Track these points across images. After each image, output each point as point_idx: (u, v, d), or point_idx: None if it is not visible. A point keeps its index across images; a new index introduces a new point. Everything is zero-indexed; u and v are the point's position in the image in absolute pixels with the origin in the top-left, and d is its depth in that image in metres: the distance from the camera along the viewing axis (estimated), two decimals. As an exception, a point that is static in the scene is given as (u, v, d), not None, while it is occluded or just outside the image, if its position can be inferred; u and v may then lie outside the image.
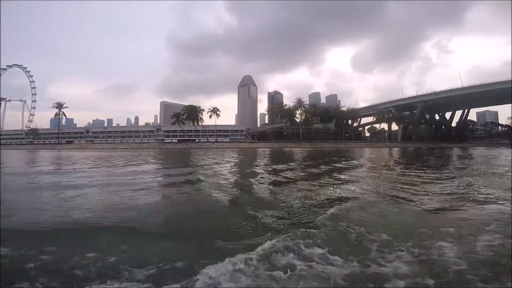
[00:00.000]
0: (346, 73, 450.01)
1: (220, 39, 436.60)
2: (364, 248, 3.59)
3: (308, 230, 4.20)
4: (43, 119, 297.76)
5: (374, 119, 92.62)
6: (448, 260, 3.20)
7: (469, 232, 4.22)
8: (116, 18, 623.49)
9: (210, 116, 79.50)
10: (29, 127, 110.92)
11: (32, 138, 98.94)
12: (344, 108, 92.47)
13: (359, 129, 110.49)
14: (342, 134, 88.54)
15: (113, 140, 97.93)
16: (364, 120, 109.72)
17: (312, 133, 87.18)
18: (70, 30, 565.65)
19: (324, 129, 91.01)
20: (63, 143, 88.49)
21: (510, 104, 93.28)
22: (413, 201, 6.65)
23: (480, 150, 48.65)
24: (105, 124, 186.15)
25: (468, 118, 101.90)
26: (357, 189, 8.27)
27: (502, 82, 76.88)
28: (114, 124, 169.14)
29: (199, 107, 75.03)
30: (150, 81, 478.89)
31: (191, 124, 79.40)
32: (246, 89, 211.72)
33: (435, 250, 3.48)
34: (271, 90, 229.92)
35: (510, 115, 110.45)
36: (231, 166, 17.74)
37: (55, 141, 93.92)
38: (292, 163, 19.30)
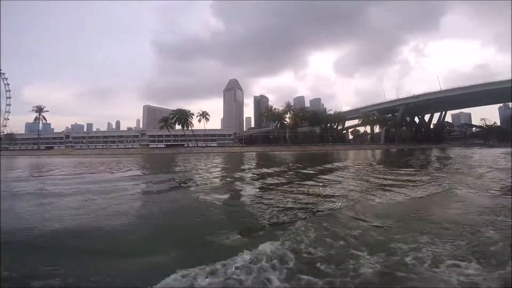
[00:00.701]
0: (329, 77, 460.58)
1: (206, 43, 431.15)
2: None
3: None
4: (17, 124, 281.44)
5: (360, 121, 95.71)
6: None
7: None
8: (97, 19, 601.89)
9: (199, 121, 79.05)
10: (3, 132, 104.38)
11: (8, 143, 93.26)
12: (331, 112, 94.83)
13: (343, 132, 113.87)
14: (328, 137, 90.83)
15: (95, 145, 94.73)
16: (348, 123, 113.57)
17: (299, 137, 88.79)
18: (47, 31, 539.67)
19: (310, 132, 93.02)
20: (43, 149, 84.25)
21: (482, 106, 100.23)
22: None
23: (459, 150, 52.21)
24: (85, 129, 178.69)
25: (445, 120, 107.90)
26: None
27: (477, 85, 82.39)
28: (94, 129, 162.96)
29: (189, 111, 74.44)
30: (132, 85, 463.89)
31: (180, 128, 78.49)
32: (232, 93, 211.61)
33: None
34: (257, 94, 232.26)
35: (482, 117, 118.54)
36: (245, 172, 17.95)
37: (32, 146, 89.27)
38: (301, 164, 20.63)
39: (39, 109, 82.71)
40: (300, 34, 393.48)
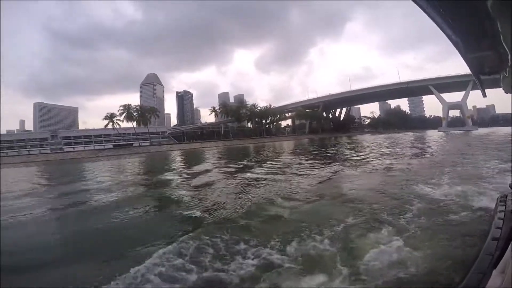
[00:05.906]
0: (250, 74, 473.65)
1: (119, 32, 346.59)
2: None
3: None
4: None
5: (294, 115, 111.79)
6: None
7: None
8: None
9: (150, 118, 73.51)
10: None
11: None
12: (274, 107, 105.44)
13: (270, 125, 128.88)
14: (263, 131, 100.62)
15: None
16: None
17: (244, 131, 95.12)
18: None
19: (239, 127, 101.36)
20: None
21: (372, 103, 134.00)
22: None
23: (360, 136, 72.75)
24: None
25: (350, 114, 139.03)
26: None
27: (368, 88, 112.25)
28: None
29: (153, 107, 68.10)
30: (10, 78, 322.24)
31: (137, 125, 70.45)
32: (151, 88, 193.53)
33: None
34: (176, 89, 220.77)
35: (371, 110, 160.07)
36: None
37: None
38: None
39: None
40: (226, 31, 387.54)
